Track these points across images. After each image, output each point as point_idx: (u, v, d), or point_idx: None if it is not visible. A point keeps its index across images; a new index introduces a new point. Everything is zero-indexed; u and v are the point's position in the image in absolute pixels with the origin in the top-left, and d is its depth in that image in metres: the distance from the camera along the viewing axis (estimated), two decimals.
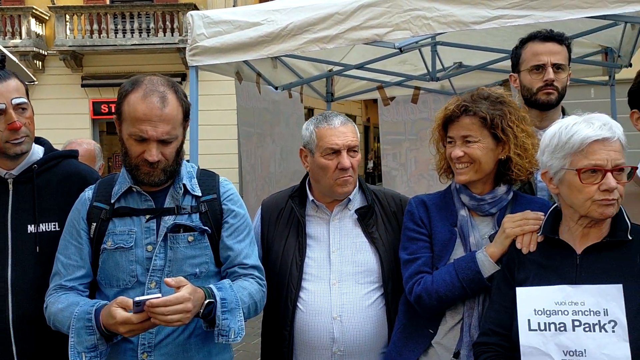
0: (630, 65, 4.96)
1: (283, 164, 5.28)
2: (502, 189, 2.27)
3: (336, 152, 2.43)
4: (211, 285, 2.09)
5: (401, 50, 3.75)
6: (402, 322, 2.37)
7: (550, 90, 2.71)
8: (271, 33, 3.68)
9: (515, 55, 2.89)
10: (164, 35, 16.35)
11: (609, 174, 1.80)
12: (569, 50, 2.82)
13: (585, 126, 1.84)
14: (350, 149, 2.44)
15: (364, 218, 2.51)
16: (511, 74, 2.95)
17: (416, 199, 2.42)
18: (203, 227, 2.20)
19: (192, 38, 3.87)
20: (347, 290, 2.43)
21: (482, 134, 2.21)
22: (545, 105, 2.71)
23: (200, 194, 2.24)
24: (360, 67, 5.46)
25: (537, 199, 2.36)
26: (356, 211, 2.52)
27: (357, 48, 5.43)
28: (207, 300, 2.02)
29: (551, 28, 4.95)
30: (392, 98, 6.36)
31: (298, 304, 2.44)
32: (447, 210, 2.32)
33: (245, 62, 4.53)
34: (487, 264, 2.12)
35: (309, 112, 12.60)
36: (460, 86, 5.78)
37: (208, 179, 2.32)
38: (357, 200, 2.57)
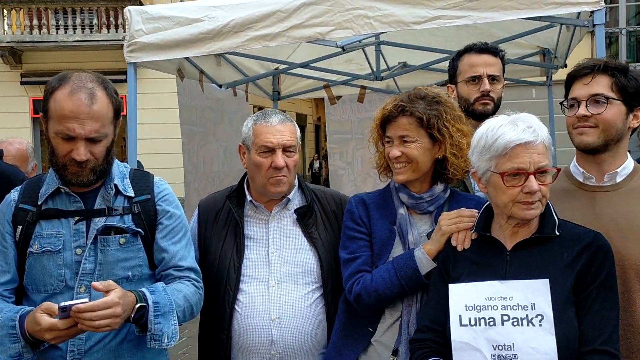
0: (566, 65, 5.13)
1: (227, 163, 5.21)
2: (439, 187, 2.30)
3: (271, 150, 2.40)
4: (143, 289, 2.03)
5: (343, 49, 3.77)
6: (342, 321, 2.36)
7: (487, 101, 2.79)
8: (212, 30, 3.63)
9: (453, 67, 2.96)
10: (108, 32, 15.87)
11: (531, 177, 1.84)
12: (503, 62, 2.91)
13: (509, 129, 1.88)
14: (286, 149, 2.42)
15: (303, 218, 2.49)
16: (449, 85, 3.01)
17: (356, 197, 2.42)
18: (136, 228, 2.14)
19: (130, 34, 3.78)
20: (286, 292, 2.41)
21: (419, 134, 2.23)
22: (482, 115, 2.78)
23: (133, 195, 2.18)
24: (305, 65, 5.46)
25: (473, 196, 2.40)
26: (295, 211, 2.50)
27: (304, 46, 5.42)
28: (139, 305, 1.96)
29: (492, 29, 5.10)
30: (339, 97, 6.38)
31: (236, 306, 2.40)
32: (387, 208, 2.33)
33: (188, 59, 4.46)
34: (424, 261, 2.14)
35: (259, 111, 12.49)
36: (405, 85, 5.85)
37: (142, 179, 2.25)
38: (296, 200, 2.55)
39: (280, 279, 2.42)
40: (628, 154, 2.17)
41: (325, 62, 5.59)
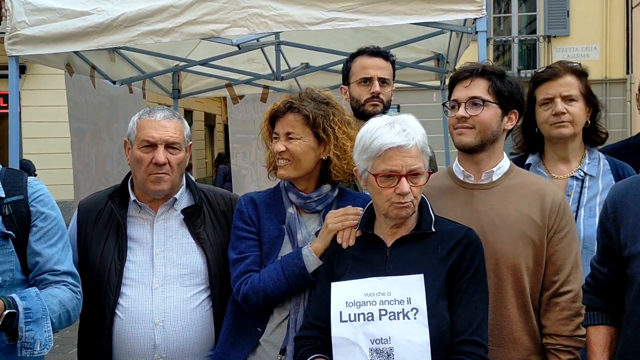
0: (455, 70, 5.37)
1: (122, 162, 5.00)
2: (327, 186, 2.33)
3: (152, 145, 2.33)
4: (13, 295, 1.92)
5: (239, 47, 3.74)
6: (230, 322, 2.34)
7: (377, 102, 2.90)
8: (101, 24, 3.47)
9: (346, 69, 3.05)
10: None
11: (403, 179, 1.91)
12: (394, 67, 3.03)
13: (386, 131, 1.94)
14: (170, 145, 2.35)
15: (191, 218, 2.44)
16: (342, 86, 3.08)
17: (245, 197, 2.40)
18: (6, 231, 2.02)
19: (11, 26, 3.55)
20: (170, 294, 2.35)
21: (305, 132, 2.25)
22: (372, 116, 2.84)
23: (3, 195, 2.05)
24: (204, 63, 5.37)
25: (361, 195, 2.45)
26: (182, 211, 2.45)
27: (205, 43, 5.33)
28: (7, 311, 1.85)
29: (389, 33, 5.25)
30: (242, 96, 6.33)
31: (117, 310, 2.32)
32: (276, 208, 2.34)
33: (77, 53, 4.25)
34: (311, 259, 2.16)
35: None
36: (307, 86, 5.88)
37: (14, 178, 2.13)
38: (183, 199, 2.49)
39: (165, 282, 2.36)
40: (504, 154, 2.30)
41: (228, 60, 5.53)
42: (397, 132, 1.93)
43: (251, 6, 3.39)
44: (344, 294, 1.92)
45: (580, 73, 2.59)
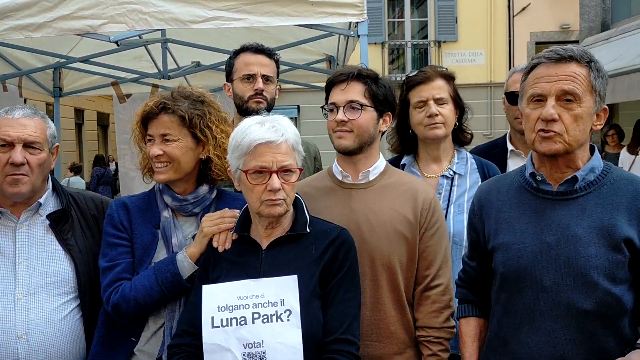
0: None
1: None
2: (204, 188, 2.28)
3: (9, 144, 2.18)
4: None
5: (118, 44, 3.58)
6: (102, 333, 2.23)
7: (260, 99, 2.87)
8: None
9: (229, 65, 2.99)
10: None
11: (274, 175, 1.91)
12: (278, 66, 3.01)
13: (256, 128, 1.93)
14: (29, 145, 2.20)
15: (58, 224, 2.30)
16: (225, 83, 3.03)
17: (117, 201, 2.30)
18: None
19: None
20: (35, 305, 2.20)
21: (182, 132, 2.19)
22: (256, 113, 2.82)
23: None
24: (86, 60, 5.10)
25: (241, 196, 2.41)
26: (48, 216, 2.30)
27: (88, 40, 5.05)
28: None
29: (280, 34, 5.25)
30: (129, 95, 6.09)
31: None
32: (150, 212, 2.26)
33: None
34: (186, 264, 2.10)
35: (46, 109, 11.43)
36: (198, 85, 5.75)
37: None
38: (49, 204, 2.34)
39: (30, 292, 2.20)
40: (380, 154, 2.35)
41: (114, 57, 5.30)
42: (267, 128, 1.93)
43: (130, 2, 3.26)
44: (216, 298, 1.88)
45: (449, 77, 2.72)
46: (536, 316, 1.81)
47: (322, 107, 2.35)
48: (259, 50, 2.95)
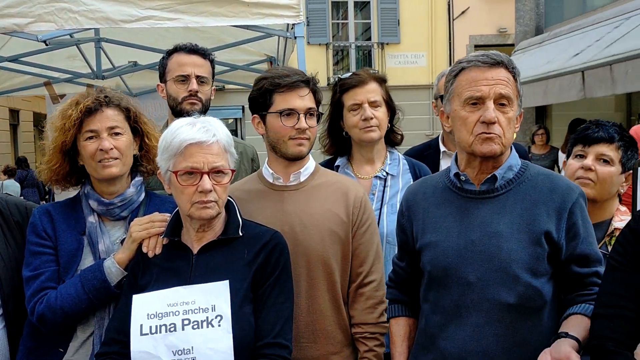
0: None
1: None
2: (131, 190, 2.22)
3: None
4: None
5: (46, 44, 3.46)
6: (28, 344, 2.14)
7: (194, 101, 2.80)
8: None
9: (162, 65, 2.91)
10: None
11: (205, 177, 1.88)
12: (213, 66, 2.93)
13: (187, 129, 1.90)
14: None
15: None
16: (159, 83, 2.96)
17: (40, 208, 2.21)
18: None
19: None
20: None
21: (125, 126, 2.19)
22: (189, 114, 2.76)
23: None
24: (14, 60, 4.90)
25: (169, 199, 2.34)
26: None
27: (18, 38, 4.87)
28: None
29: (221, 34, 5.20)
30: (63, 95, 5.89)
31: None
32: (75, 218, 2.19)
33: None
34: (114, 270, 2.05)
35: None
36: (135, 86, 5.66)
37: None
38: None
39: None
40: (310, 155, 2.36)
41: (46, 57, 5.10)
42: (198, 129, 1.90)
43: (59, 0, 3.16)
44: (146, 305, 1.84)
45: (382, 80, 2.76)
46: (462, 312, 1.85)
47: (280, 113, 2.20)
48: (192, 50, 2.88)
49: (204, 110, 2.85)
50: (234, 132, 14.46)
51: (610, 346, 1.57)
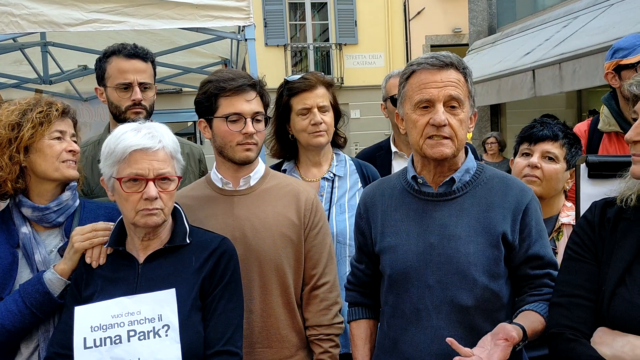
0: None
1: None
2: (67, 194, 2.15)
3: None
4: None
5: None
6: None
7: (139, 110, 2.73)
8: None
9: (100, 69, 2.78)
10: None
11: (150, 184, 1.83)
12: (154, 67, 2.85)
13: (132, 134, 1.86)
14: None
15: None
16: (97, 87, 2.85)
17: None
18: None
19: None
20: None
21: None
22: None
23: None
24: None
25: (106, 204, 2.27)
26: None
27: None
28: None
29: (173, 37, 5.12)
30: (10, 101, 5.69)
31: None
32: (6, 231, 2.09)
33: None
34: (55, 281, 1.98)
35: None
36: (86, 90, 5.53)
37: None
38: None
39: None
40: (259, 159, 2.33)
41: None
42: (143, 134, 1.86)
43: None
44: (89, 318, 1.78)
45: (329, 84, 2.77)
46: (422, 315, 1.86)
47: (226, 117, 2.17)
48: (132, 54, 2.73)
49: (149, 115, 2.78)
50: (191, 135, 14.29)
51: (567, 334, 1.60)
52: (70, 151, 2.12)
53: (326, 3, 16.68)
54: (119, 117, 2.72)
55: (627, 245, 1.58)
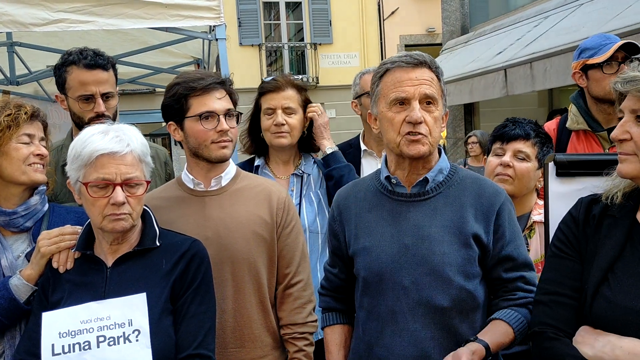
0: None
1: None
2: (35, 198, 2.11)
3: None
4: None
5: None
6: None
7: (103, 121, 2.65)
8: None
9: (60, 77, 2.68)
10: None
11: (117, 188, 1.80)
12: (115, 72, 2.78)
13: (99, 138, 1.82)
14: None
15: None
16: (57, 94, 2.77)
17: None
18: None
19: None
20: None
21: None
22: None
23: None
24: None
25: (76, 209, 2.23)
26: None
27: None
28: None
29: (144, 36, 5.05)
30: None
31: None
32: None
33: None
34: (22, 288, 1.93)
35: None
36: (55, 91, 5.37)
37: None
38: None
39: None
40: (231, 160, 2.32)
41: None
42: (110, 138, 1.83)
43: None
44: (57, 324, 1.74)
45: (301, 87, 2.80)
46: (398, 318, 1.85)
47: (199, 116, 2.13)
48: (93, 65, 2.62)
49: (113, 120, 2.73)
50: (165, 136, 14.12)
51: (549, 333, 1.60)
52: (38, 155, 2.08)
53: (300, 2, 16.67)
54: (82, 127, 2.66)
55: (611, 243, 1.58)
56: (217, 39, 3.34)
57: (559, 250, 1.70)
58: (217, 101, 2.15)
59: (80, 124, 2.66)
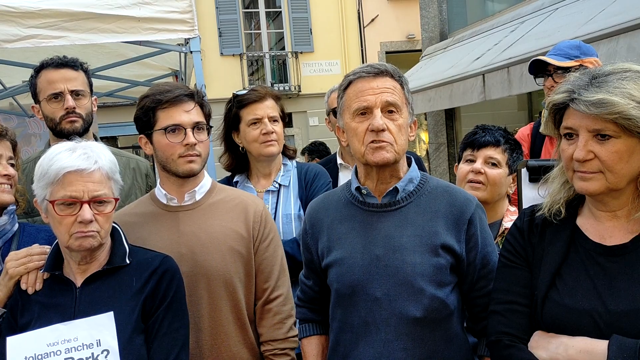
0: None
1: None
2: (4, 218, 2.09)
3: None
4: None
5: None
6: None
7: (74, 118, 2.65)
8: None
9: (32, 86, 2.73)
10: None
11: (85, 206, 1.78)
12: (88, 76, 2.79)
13: (66, 155, 1.81)
14: None
15: None
16: (33, 105, 2.78)
17: None
18: None
19: None
20: None
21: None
22: (71, 134, 2.63)
23: None
24: None
25: (47, 227, 2.16)
26: None
27: None
28: None
29: (121, 49, 5.02)
30: None
31: None
32: None
33: None
34: None
35: None
36: (31, 104, 5.33)
37: None
38: None
39: None
40: (205, 173, 2.29)
41: None
42: (78, 155, 1.81)
43: None
44: (23, 348, 1.71)
45: (278, 97, 2.81)
46: (371, 329, 1.84)
47: (165, 129, 2.11)
48: (61, 64, 2.69)
49: (87, 126, 2.71)
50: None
51: (505, 340, 1.63)
52: (5, 175, 2.06)
53: (281, 12, 16.68)
54: (56, 129, 2.66)
55: (555, 249, 1.62)
56: (191, 52, 3.33)
57: (507, 260, 1.73)
58: (185, 114, 2.11)
59: (54, 127, 2.66)
